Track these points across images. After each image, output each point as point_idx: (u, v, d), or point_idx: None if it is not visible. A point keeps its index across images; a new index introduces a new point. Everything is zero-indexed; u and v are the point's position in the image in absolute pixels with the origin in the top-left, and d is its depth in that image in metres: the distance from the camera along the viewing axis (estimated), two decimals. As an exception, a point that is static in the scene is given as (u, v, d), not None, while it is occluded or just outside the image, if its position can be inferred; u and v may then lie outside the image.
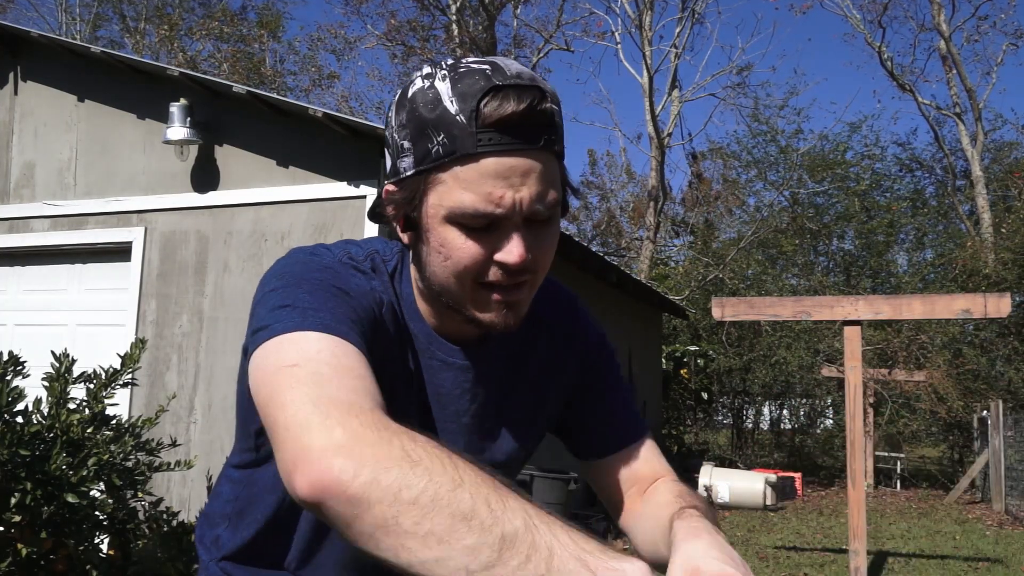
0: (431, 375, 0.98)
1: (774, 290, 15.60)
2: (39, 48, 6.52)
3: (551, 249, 0.90)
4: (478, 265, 0.85)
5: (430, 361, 0.97)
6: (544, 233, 0.87)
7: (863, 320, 5.75)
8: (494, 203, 0.81)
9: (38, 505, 2.43)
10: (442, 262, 0.86)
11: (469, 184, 0.81)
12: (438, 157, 0.82)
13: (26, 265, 6.43)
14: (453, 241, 0.84)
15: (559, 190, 0.87)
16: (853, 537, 5.50)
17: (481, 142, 0.80)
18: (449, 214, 0.83)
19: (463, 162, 0.81)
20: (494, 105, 0.80)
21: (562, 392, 1.08)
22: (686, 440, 15.62)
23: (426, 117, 0.83)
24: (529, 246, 0.85)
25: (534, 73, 0.86)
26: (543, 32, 19.94)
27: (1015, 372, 12.94)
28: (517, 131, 0.81)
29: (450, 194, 0.83)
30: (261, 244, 5.55)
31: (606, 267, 9.13)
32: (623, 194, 24.39)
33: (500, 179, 0.81)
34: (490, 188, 0.81)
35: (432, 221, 0.85)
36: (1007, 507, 10.18)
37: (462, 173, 0.82)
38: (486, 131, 0.80)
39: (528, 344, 1.05)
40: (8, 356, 2.52)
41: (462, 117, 0.80)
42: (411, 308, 0.96)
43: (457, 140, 0.81)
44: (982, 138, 19.04)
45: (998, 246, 14.73)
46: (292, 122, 5.54)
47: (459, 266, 0.85)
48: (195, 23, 21.38)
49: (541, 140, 0.82)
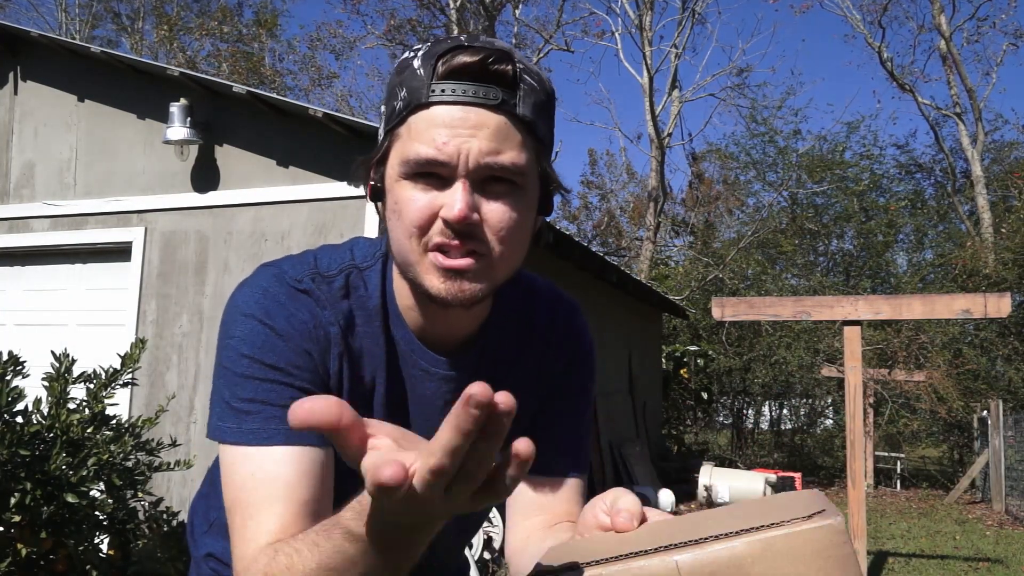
0: (414, 384, 0.95)
1: (774, 290, 15.59)
2: (39, 48, 6.52)
3: (514, 224, 0.85)
4: (423, 218, 0.82)
5: (412, 370, 0.95)
6: (504, 202, 0.83)
7: (863, 320, 5.74)
8: (437, 147, 0.80)
9: (38, 505, 2.43)
10: (396, 222, 0.85)
11: (420, 133, 0.81)
12: (399, 112, 0.83)
13: (26, 265, 6.43)
14: (403, 195, 0.83)
15: (526, 160, 0.84)
16: (853, 537, 5.50)
17: (434, 92, 0.81)
18: (401, 167, 0.83)
19: (416, 111, 0.82)
20: (450, 58, 0.81)
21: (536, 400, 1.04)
22: (686, 440, 15.62)
23: (395, 79, 0.85)
24: (478, 207, 0.82)
25: (514, 49, 0.85)
26: (543, 32, 19.94)
27: (1015, 372, 12.94)
28: (470, 83, 0.81)
29: (403, 146, 0.83)
30: (261, 244, 5.55)
31: (606, 267, 9.12)
32: (623, 194, 24.41)
33: (448, 128, 0.80)
34: (436, 134, 0.81)
35: (390, 181, 0.85)
36: (1007, 507, 10.18)
37: (414, 123, 0.82)
38: (440, 82, 0.81)
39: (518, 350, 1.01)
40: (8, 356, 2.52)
41: (422, 71, 0.82)
42: (395, 313, 0.94)
43: (414, 92, 0.82)
44: (982, 138, 19.04)
45: (998, 246, 14.73)
46: (292, 122, 5.54)
47: (407, 222, 0.83)
48: (193, 21, 21.39)
49: (497, 98, 0.81)
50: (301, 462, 0.83)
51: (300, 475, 0.82)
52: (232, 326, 0.87)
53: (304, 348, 0.87)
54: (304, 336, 0.87)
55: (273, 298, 0.88)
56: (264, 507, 0.80)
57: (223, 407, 0.85)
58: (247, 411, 0.84)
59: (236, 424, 0.84)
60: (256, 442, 0.83)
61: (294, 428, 0.55)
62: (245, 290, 0.90)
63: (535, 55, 20.22)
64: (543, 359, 1.03)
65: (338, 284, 0.92)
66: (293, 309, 0.88)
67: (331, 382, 0.89)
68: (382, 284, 0.94)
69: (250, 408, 0.84)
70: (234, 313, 0.88)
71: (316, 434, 0.83)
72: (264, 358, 0.85)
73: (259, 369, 0.85)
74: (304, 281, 0.90)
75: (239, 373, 0.85)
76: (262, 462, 0.82)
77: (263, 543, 0.79)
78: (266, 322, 0.86)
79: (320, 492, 0.84)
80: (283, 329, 0.86)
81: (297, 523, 0.80)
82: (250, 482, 0.82)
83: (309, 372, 0.87)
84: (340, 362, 0.90)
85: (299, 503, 0.81)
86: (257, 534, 0.80)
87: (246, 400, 0.84)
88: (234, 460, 0.84)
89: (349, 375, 0.91)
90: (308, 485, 0.82)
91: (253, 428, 0.83)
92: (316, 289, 0.90)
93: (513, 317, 1.01)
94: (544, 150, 0.87)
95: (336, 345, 0.89)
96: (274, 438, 0.83)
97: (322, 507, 0.83)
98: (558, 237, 7.22)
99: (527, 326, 1.01)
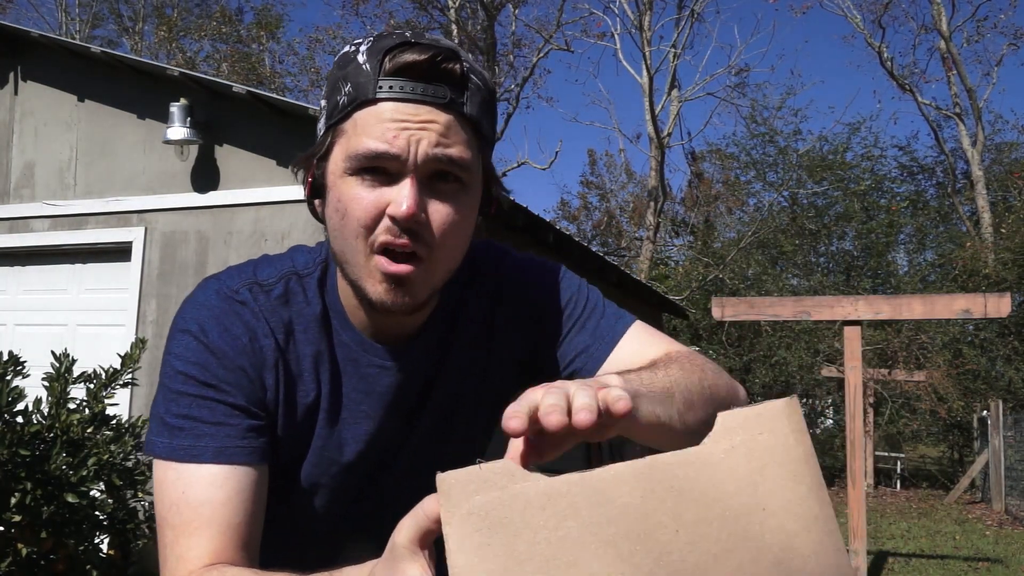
0: (371, 383, 0.94)
1: (774, 290, 15.59)
2: (39, 48, 6.52)
3: (458, 225, 0.84)
4: (370, 216, 0.81)
5: (367, 369, 0.93)
6: (450, 200, 0.83)
7: (863, 320, 5.74)
8: (387, 141, 0.79)
9: (38, 505, 2.43)
10: (339, 221, 0.83)
11: (367, 128, 0.80)
12: (343, 107, 0.82)
13: (26, 265, 6.43)
14: (348, 192, 0.82)
15: (472, 157, 0.83)
16: (853, 537, 5.50)
17: (382, 88, 0.80)
18: (347, 162, 0.82)
19: (363, 107, 0.81)
20: (397, 54, 0.80)
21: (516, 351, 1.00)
22: (686, 440, 15.61)
23: (337, 73, 0.84)
24: (426, 206, 0.81)
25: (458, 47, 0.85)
26: (543, 32, 19.94)
27: (1015, 372, 12.93)
28: (418, 81, 0.80)
29: (349, 142, 0.82)
30: (261, 244, 5.55)
31: (606, 267, 9.12)
32: (623, 194, 24.42)
33: (396, 123, 0.80)
34: (385, 128, 0.80)
35: (333, 178, 0.84)
36: (1007, 507, 10.18)
37: (361, 119, 0.81)
38: (387, 78, 0.80)
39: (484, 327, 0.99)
40: (8, 356, 2.52)
41: (367, 66, 0.81)
42: (341, 317, 0.93)
43: (360, 87, 0.81)
44: (982, 138, 19.05)
45: (998, 246, 14.73)
46: (292, 122, 5.54)
47: (352, 219, 0.82)
48: (193, 23, 21.40)
49: (446, 96, 0.81)
50: (230, 482, 0.83)
51: (229, 497, 0.83)
52: (171, 341, 0.88)
53: (238, 364, 0.87)
54: (238, 352, 0.87)
55: (209, 312, 0.88)
56: (195, 531, 0.82)
57: (158, 422, 0.86)
58: (179, 427, 0.84)
59: (168, 440, 0.84)
60: (186, 459, 0.83)
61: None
62: (186, 305, 0.90)
63: (535, 55, 20.24)
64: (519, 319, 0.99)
65: (277, 292, 0.91)
66: (228, 323, 0.88)
67: (267, 396, 0.89)
68: (321, 289, 0.93)
69: (183, 424, 0.84)
70: (173, 328, 0.89)
71: (247, 451, 0.85)
72: (197, 375, 0.85)
73: (192, 386, 0.85)
74: (241, 292, 0.90)
75: (173, 389, 0.86)
76: (193, 482, 0.83)
77: (195, 567, 0.81)
78: (200, 338, 0.86)
79: (251, 512, 0.85)
80: (217, 345, 0.86)
81: (228, 548, 0.82)
82: (181, 502, 0.83)
83: (243, 388, 0.87)
84: (276, 374, 0.89)
85: (229, 527, 0.82)
86: (188, 557, 0.81)
87: (179, 416, 0.85)
88: (165, 477, 0.84)
89: (286, 386, 0.91)
90: (238, 508, 0.83)
91: (184, 445, 0.84)
92: (253, 300, 0.90)
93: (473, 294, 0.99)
94: (488, 148, 0.88)
95: (271, 357, 0.89)
96: (203, 455, 0.83)
97: (253, 528, 0.84)
98: (558, 237, 7.22)
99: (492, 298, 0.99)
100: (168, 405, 0.86)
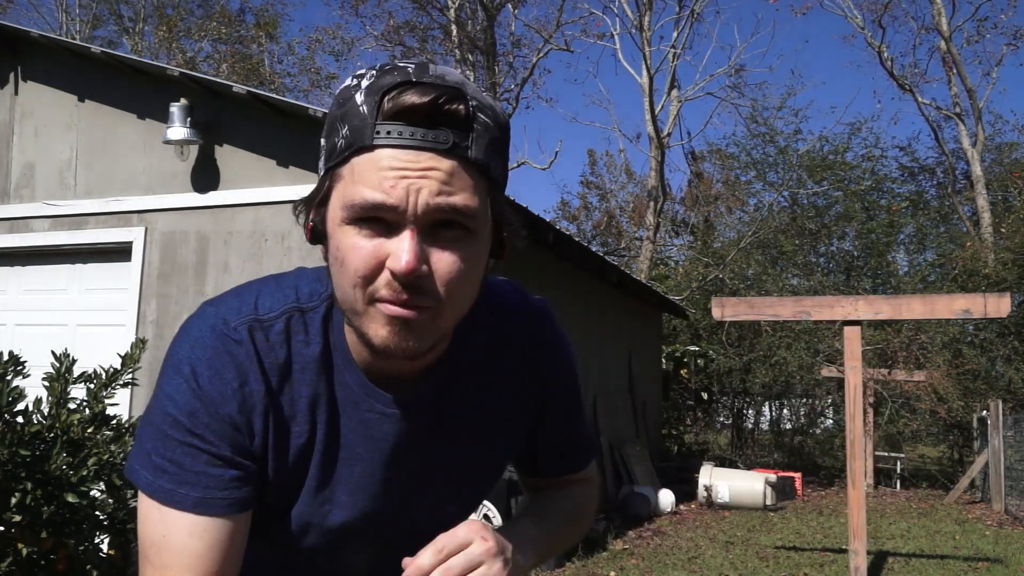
0: (369, 428, 0.91)
1: (774, 290, 15.58)
2: (39, 48, 6.52)
3: (465, 274, 0.79)
4: (368, 268, 0.77)
5: (367, 414, 0.90)
6: (456, 249, 0.78)
7: (863, 320, 5.75)
8: (385, 191, 0.75)
9: (38, 505, 2.43)
10: (339, 270, 0.79)
11: (364, 176, 0.76)
12: (341, 151, 0.78)
13: (26, 265, 6.44)
14: (347, 241, 0.78)
15: (479, 203, 0.78)
16: (853, 537, 5.50)
17: (379, 134, 0.76)
18: (344, 211, 0.77)
19: (360, 153, 0.77)
20: (396, 96, 0.75)
21: (527, 417, 1.03)
22: (686, 440, 15.62)
23: (336, 112, 0.80)
24: (427, 258, 0.77)
25: (466, 80, 0.80)
26: (543, 32, 19.95)
27: (1015, 372, 12.93)
28: (418, 126, 0.75)
29: (346, 189, 0.78)
30: (261, 244, 5.55)
31: (606, 267, 9.13)
32: (623, 194, 24.44)
33: (394, 171, 0.75)
34: (383, 177, 0.75)
35: (332, 225, 0.80)
36: (1007, 507, 10.18)
37: (358, 166, 0.77)
38: (385, 123, 0.76)
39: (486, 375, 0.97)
40: (8, 356, 2.52)
41: (364, 108, 0.76)
42: (344, 356, 0.89)
43: (357, 132, 0.77)
44: (982, 138, 19.05)
45: (998, 246, 14.73)
46: (292, 122, 5.54)
47: (350, 270, 0.78)
48: (193, 24, 21.40)
49: (448, 141, 0.76)
50: (209, 534, 0.85)
51: (208, 548, 0.85)
52: (164, 377, 0.87)
53: (225, 412, 0.85)
54: (226, 399, 0.86)
55: (203, 353, 0.86)
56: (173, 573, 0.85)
57: (144, 455, 0.87)
58: (163, 468, 0.85)
59: (151, 477, 0.85)
60: (167, 502, 0.85)
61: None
62: (183, 338, 0.88)
63: (535, 55, 20.25)
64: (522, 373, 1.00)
65: (277, 329, 0.88)
66: (220, 366, 0.86)
67: (255, 441, 0.88)
68: (324, 328, 0.90)
69: (166, 467, 0.85)
70: (168, 362, 0.88)
71: (227, 503, 0.85)
72: (185, 421, 0.85)
73: (179, 432, 0.85)
74: (240, 330, 0.87)
75: (161, 429, 0.86)
76: (174, 529, 0.85)
77: None
78: (191, 383, 0.85)
79: (229, 560, 0.87)
80: (207, 392, 0.85)
81: None
82: (162, 545, 0.85)
83: (227, 438, 0.86)
84: (265, 419, 0.88)
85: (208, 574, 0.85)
86: None
87: (164, 458, 0.85)
88: (148, 513, 0.86)
89: (276, 429, 0.89)
90: (216, 558, 0.85)
91: (165, 488, 0.85)
92: (250, 340, 0.87)
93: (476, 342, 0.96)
94: (498, 190, 0.83)
95: (260, 403, 0.87)
96: (183, 503, 0.84)
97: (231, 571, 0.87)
98: (558, 237, 7.22)
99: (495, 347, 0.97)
100: (155, 443, 0.86)
